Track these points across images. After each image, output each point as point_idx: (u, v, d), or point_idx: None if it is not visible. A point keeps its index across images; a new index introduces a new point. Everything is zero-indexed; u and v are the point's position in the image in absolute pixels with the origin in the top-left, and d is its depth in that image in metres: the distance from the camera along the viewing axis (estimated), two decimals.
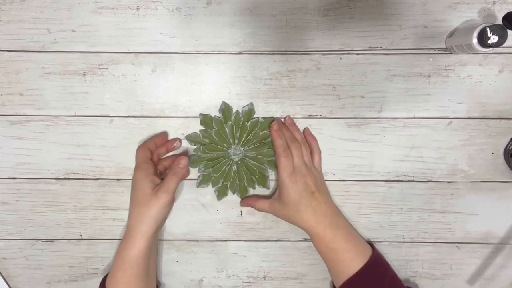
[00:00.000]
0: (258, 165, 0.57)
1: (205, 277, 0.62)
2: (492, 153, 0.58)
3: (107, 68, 0.56)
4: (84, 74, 0.56)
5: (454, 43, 0.53)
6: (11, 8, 0.55)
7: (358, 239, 0.56)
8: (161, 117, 0.57)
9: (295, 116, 0.57)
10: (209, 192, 0.59)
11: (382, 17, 0.55)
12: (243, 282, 0.62)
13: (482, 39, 0.47)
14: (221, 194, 0.58)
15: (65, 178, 0.59)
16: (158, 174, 0.56)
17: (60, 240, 0.60)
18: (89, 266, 0.61)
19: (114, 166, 0.58)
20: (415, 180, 0.59)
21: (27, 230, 0.60)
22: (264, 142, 0.56)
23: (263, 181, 0.58)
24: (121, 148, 0.58)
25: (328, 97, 0.57)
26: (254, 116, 0.56)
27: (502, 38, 0.47)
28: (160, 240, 0.60)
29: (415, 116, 0.57)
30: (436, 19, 0.55)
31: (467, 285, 0.61)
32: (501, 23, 0.48)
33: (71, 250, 0.60)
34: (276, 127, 0.55)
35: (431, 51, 0.56)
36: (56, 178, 0.59)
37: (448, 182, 0.59)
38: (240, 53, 0.56)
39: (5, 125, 0.57)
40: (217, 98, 0.57)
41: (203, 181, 0.57)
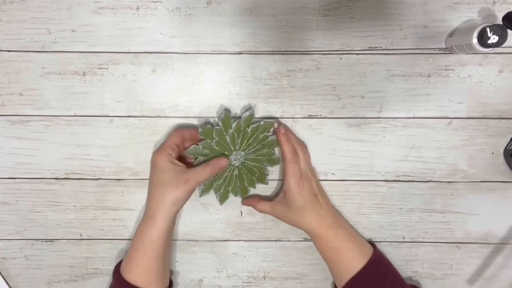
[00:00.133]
0: (258, 165, 0.57)
1: (205, 277, 0.62)
2: (492, 153, 0.58)
3: (107, 68, 0.56)
4: (84, 74, 0.56)
5: (454, 43, 0.53)
6: (11, 8, 0.55)
7: (359, 238, 0.57)
8: (161, 117, 0.57)
9: (295, 116, 0.57)
10: (210, 196, 0.59)
11: (382, 17, 0.55)
12: (243, 282, 0.62)
13: (482, 39, 0.47)
14: (223, 198, 0.58)
15: (65, 178, 0.59)
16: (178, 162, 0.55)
17: (60, 240, 0.60)
18: (89, 266, 0.61)
19: (114, 166, 0.58)
20: (415, 180, 0.59)
21: (27, 230, 0.60)
22: (263, 144, 0.56)
23: (262, 178, 0.57)
24: (121, 148, 0.58)
25: (328, 97, 0.57)
26: (254, 119, 0.55)
27: (502, 38, 0.47)
28: None
29: (415, 116, 0.57)
30: (436, 19, 0.55)
31: (467, 285, 0.61)
32: (501, 23, 0.48)
33: (71, 250, 0.60)
34: (283, 131, 0.53)
35: (431, 51, 0.56)
36: (56, 178, 0.59)
37: (448, 182, 0.59)
38: (240, 53, 0.56)
39: (5, 125, 0.57)
40: (217, 98, 0.57)
41: (205, 190, 0.56)
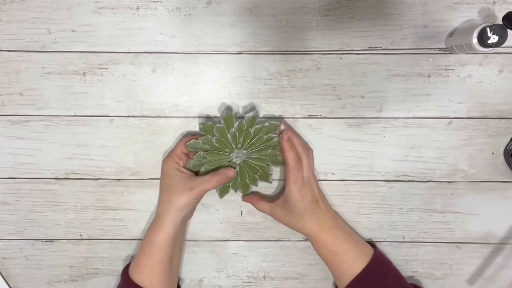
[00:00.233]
0: (261, 164, 0.56)
1: (205, 277, 0.62)
2: (492, 153, 0.58)
3: (107, 68, 0.56)
4: (84, 74, 0.56)
5: (454, 43, 0.53)
6: (11, 8, 0.55)
7: (358, 239, 0.56)
8: (161, 117, 0.57)
9: (295, 116, 0.57)
10: (210, 191, 0.59)
11: (382, 17, 0.55)
12: (243, 282, 0.62)
13: (482, 39, 0.47)
14: (223, 192, 0.57)
15: (65, 178, 0.59)
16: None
17: (60, 240, 0.60)
18: (89, 266, 0.61)
19: (114, 166, 0.58)
20: (415, 180, 0.59)
21: (27, 230, 0.60)
22: (267, 145, 0.55)
23: (266, 177, 0.57)
24: (121, 148, 0.58)
25: (328, 97, 0.57)
26: (259, 120, 0.54)
27: (502, 38, 0.47)
28: None
29: (415, 116, 0.57)
30: (436, 19, 0.55)
31: (467, 285, 0.61)
32: (501, 23, 0.48)
33: (71, 250, 0.60)
34: (287, 136, 0.53)
35: (431, 51, 0.56)
36: (56, 178, 0.59)
37: (448, 182, 0.59)
38: (240, 53, 0.56)
39: (5, 125, 0.57)
40: (217, 98, 0.57)
41: None
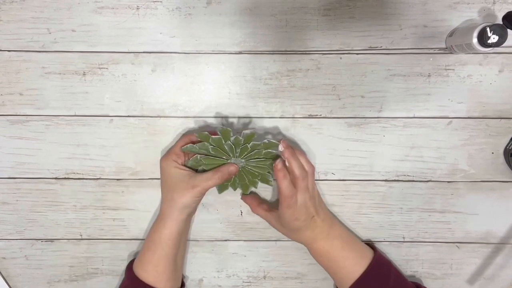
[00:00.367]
0: (261, 172, 0.55)
1: (205, 277, 0.62)
2: (492, 153, 0.58)
3: (107, 68, 0.56)
4: (84, 74, 0.56)
5: (454, 42, 0.53)
6: (11, 8, 0.55)
7: (356, 244, 0.56)
8: (161, 117, 0.57)
9: (295, 116, 0.57)
10: (209, 191, 0.58)
11: (382, 17, 0.55)
12: (243, 282, 0.62)
13: (482, 38, 0.47)
14: (222, 189, 0.57)
15: (65, 178, 0.59)
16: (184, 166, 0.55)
17: (60, 240, 0.60)
18: (89, 266, 0.61)
19: (114, 166, 0.58)
20: (415, 179, 0.59)
21: (27, 230, 0.60)
22: (267, 157, 0.53)
23: (266, 181, 0.56)
24: (121, 148, 0.58)
25: (328, 96, 0.57)
26: (256, 137, 0.52)
27: (502, 38, 0.47)
28: None
29: (415, 116, 0.57)
30: (436, 18, 0.55)
31: (467, 285, 0.61)
32: (501, 22, 0.48)
33: (71, 250, 0.60)
34: (280, 165, 0.49)
35: (431, 51, 0.56)
36: (56, 178, 0.59)
37: (448, 182, 0.59)
38: (240, 53, 0.56)
39: (5, 125, 0.57)
40: (217, 98, 0.57)
41: None
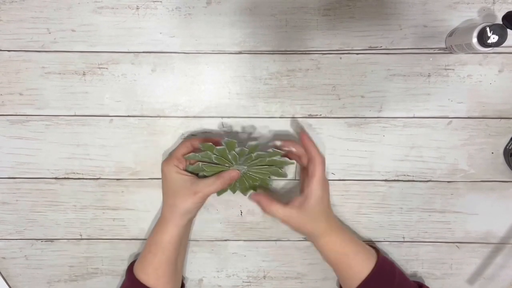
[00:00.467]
0: (262, 177, 0.55)
1: (205, 277, 0.62)
2: (492, 153, 0.58)
3: (107, 68, 0.56)
4: (84, 74, 0.56)
5: (454, 42, 0.53)
6: (11, 8, 0.55)
7: (362, 242, 0.56)
8: (161, 116, 0.57)
9: (295, 116, 0.57)
10: None
11: (382, 17, 0.55)
12: (243, 281, 0.62)
13: (482, 38, 0.47)
14: (221, 191, 0.57)
15: (65, 178, 0.59)
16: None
17: (60, 240, 0.60)
18: (89, 266, 0.61)
19: (114, 166, 0.58)
20: (415, 179, 0.59)
21: (27, 230, 0.60)
22: (269, 165, 0.54)
23: (265, 184, 0.56)
24: (121, 147, 0.58)
25: (328, 96, 0.57)
26: (260, 148, 0.52)
27: (502, 38, 0.47)
28: None
29: (415, 116, 0.57)
30: (436, 18, 0.55)
31: (467, 285, 0.61)
32: (501, 22, 0.48)
33: (71, 250, 0.60)
34: (307, 136, 0.53)
35: (431, 51, 0.56)
36: (56, 178, 0.59)
37: (448, 181, 0.59)
38: (240, 52, 0.56)
39: (5, 125, 0.57)
40: (217, 98, 0.57)
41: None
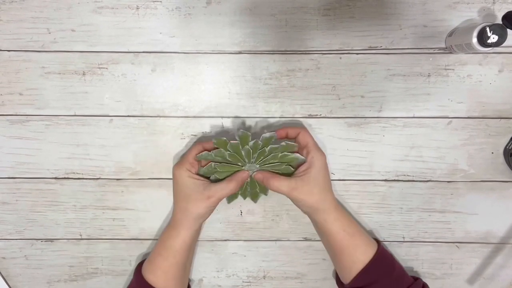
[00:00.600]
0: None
1: (205, 277, 0.62)
2: (492, 153, 0.58)
3: (107, 68, 0.56)
4: (84, 74, 0.56)
5: (454, 42, 0.53)
6: (11, 8, 0.55)
7: (364, 233, 0.55)
8: (161, 116, 0.57)
9: (295, 116, 0.57)
10: None
11: (382, 17, 0.55)
12: (243, 281, 0.62)
13: (482, 38, 0.47)
14: (231, 198, 0.56)
15: (65, 178, 0.59)
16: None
17: (60, 240, 0.60)
18: (89, 266, 0.61)
19: (114, 166, 0.58)
20: (415, 179, 0.59)
21: (26, 230, 0.60)
22: (281, 161, 0.53)
23: None
24: (121, 147, 0.58)
25: (328, 96, 0.57)
26: (274, 141, 0.52)
27: (502, 38, 0.47)
28: None
29: (415, 116, 0.57)
30: (436, 18, 0.55)
31: (467, 285, 0.61)
32: (501, 22, 0.48)
33: (71, 250, 0.60)
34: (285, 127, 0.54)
35: (431, 51, 0.56)
36: (56, 178, 0.59)
37: (448, 181, 0.59)
38: (240, 52, 0.56)
39: (5, 125, 0.57)
40: (217, 97, 0.57)
41: None
